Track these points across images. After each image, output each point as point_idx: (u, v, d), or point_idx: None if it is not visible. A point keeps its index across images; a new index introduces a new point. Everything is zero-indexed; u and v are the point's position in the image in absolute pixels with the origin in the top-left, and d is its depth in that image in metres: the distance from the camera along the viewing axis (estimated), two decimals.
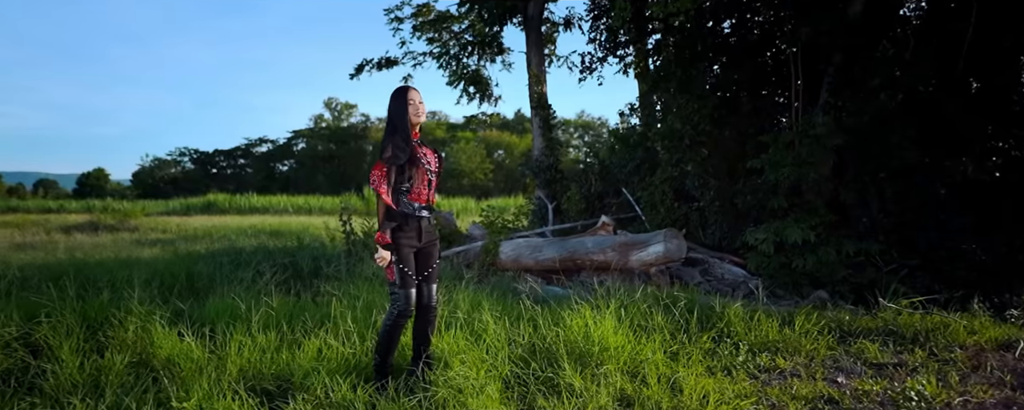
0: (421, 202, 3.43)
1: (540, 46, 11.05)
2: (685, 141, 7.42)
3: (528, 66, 11.06)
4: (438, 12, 14.07)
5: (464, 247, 7.04)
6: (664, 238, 5.95)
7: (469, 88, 12.39)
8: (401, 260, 3.35)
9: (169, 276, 5.18)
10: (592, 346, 3.99)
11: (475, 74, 12.42)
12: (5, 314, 3.64)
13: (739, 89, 7.78)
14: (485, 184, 48.23)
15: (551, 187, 10.08)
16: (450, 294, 4.88)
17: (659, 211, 8.02)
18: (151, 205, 38.65)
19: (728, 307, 4.96)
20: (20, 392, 3.06)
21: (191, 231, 13.98)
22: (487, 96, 12.55)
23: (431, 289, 3.48)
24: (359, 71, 14.59)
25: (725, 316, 4.94)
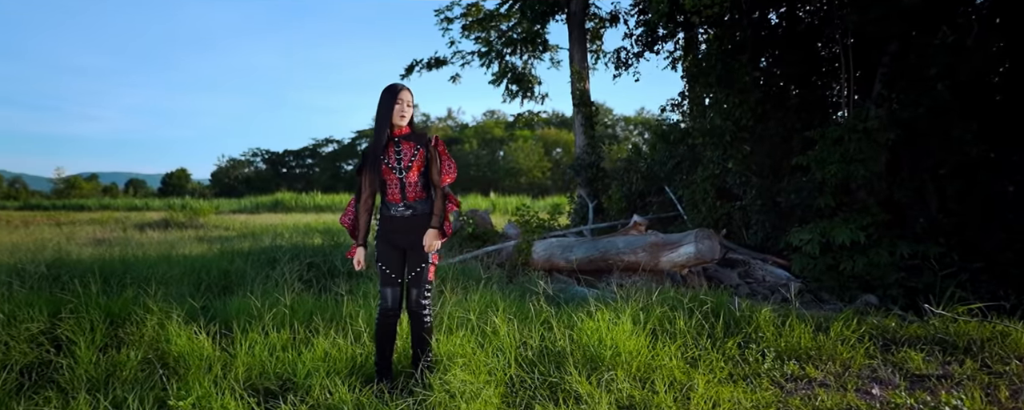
0: (395, 201, 3.33)
1: (583, 42, 10.89)
2: (726, 137, 7.14)
3: (570, 63, 10.92)
4: (487, 11, 14.14)
5: (496, 246, 7.03)
6: (695, 239, 5.74)
7: (511, 86, 12.37)
8: (379, 257, 3.32)
9: (205, 273, 5.40)
10: (604, 350, 3.89)
11: (518, 72, 12.38)
12: (36, 309, 3.83)
13: (785, 82, 7.42)
14: (542, 182, 48.13)
15: (593, 185, 9.93)
16: (466, 294, 4.86)
17: (700, 210, 7.76)
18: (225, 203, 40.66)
19: (757, 310, 4.74)
20: (40, 385, 3.20)
21: (250, 228, 14.57)
22: (530, 93, 12.49)
23: (420, 292, 3.34)
24: (409, 71, 14.84)
25: (754, 320, 4.72)
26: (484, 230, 7.65)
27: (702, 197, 7.77)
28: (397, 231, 3.31)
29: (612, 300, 4.71)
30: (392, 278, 3.32)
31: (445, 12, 14.49)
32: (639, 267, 6.05)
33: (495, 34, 13.15)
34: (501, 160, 52.01)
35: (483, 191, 38.71)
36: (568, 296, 5.07)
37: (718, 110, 7.22)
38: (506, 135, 54.18)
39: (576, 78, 10.77)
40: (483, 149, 54.11)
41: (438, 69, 14.84)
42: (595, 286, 6.01)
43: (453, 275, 5.61)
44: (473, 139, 54.29)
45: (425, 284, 3.35)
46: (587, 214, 9.30)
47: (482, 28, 14.21)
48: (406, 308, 3.38)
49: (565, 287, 5.59)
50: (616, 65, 10.04)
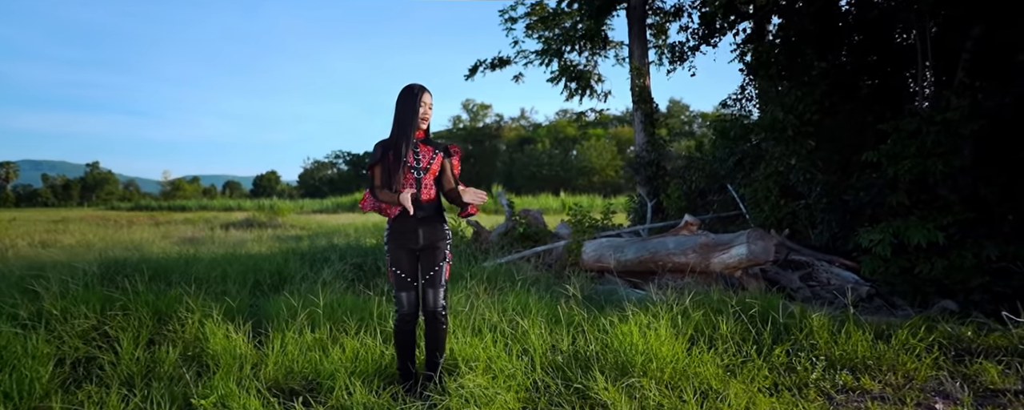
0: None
1: (643, 37, 10.62)
2: (788, 132, 6.74)
3: (630, 58, 10.68)
4: (550, 9, 14.08)
5: (546, 246, 6.96)
6: (747, 239, 5.46)
7: (570, 84, 12.23)
8: (393, 262, 3.28)
9: (258, 272, 5.64)
10: (635, 355, 3.76)
11: (577, 69, 12.24)
12: (88, 305, 4.03)
13: (856, 72, 6.92)
14: (615, 181, 47.48)
15: (652, 184, 9.66)
16: (501, 295, 4.83)
17: (763, 209, 7.39)
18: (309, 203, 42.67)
19: (810, 315, 4.45)
20: (85, 379, 3.36)
21: (323, 228, 15.18)
22: (587, 90, 12.31)
23: (437, 294, 3.29)
24: (473, 72, 14.99)
25: (806, 326, 4.44)
26: (536, 230, 7.60)
27: (765, 195, 7.39)
28: (410, 232, 3.28)
29: (651, 303, 4.55)
30: (407, 282, 3.28)
31: (509, 12, 14.56)
32: (690, 268, 5.83)
33: (556, 32, 13.05)
34: (574, 159, 51.73)
35: (554, 191, 38.62)
36: (607, 298, 4.94)
37: (780, 103, 6.83)
38: (579, 134, 53.85)
39: (635, 74, 10.51)
40: (556, 148, 54.02)
41: (501, 69, 14.91)
42: (643, 288, 5.84)
43: (489, 276, 5.60)
44: (545, 139, 54.30)
45: (442, 284, 3.31)
46: (646, 213, 9.06)
47: (546, 26, 14.17)
48: (422, 310, 3.33)
49: (610, 289, 5.47)
50: (671, 59, 9.72)
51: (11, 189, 75.47)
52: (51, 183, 78.11)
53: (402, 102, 3.29)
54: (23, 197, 73.16)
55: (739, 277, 5.66)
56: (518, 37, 14.82)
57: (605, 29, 12.72)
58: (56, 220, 23.84)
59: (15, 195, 73.59)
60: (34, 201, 70.97)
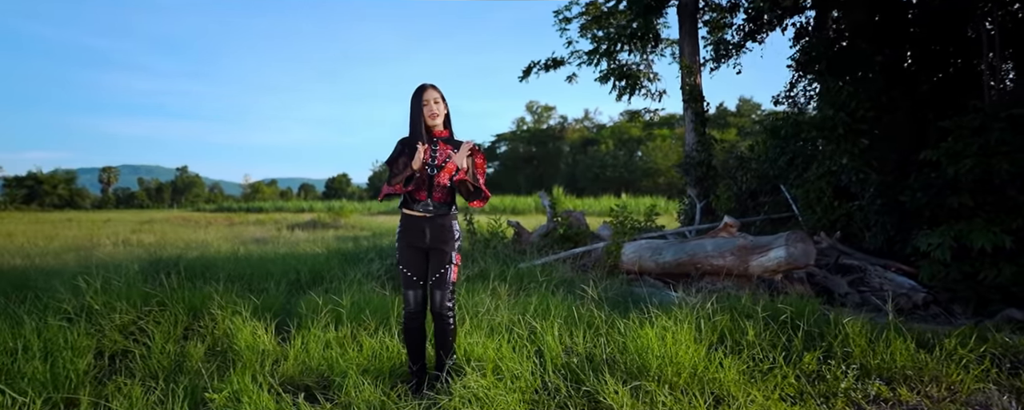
0: (421, 198, 3.30)
1: (694, 35, 10.34)
2: (839, 130, 6.41)
3: (680, 56, 10.42)
4: (604, 9, 13.96)
5: (584, 248, 6.90)
6: (786, 242, 5.23)
7: (618, 83, 12.05)
8: (400, 260, 3.30)
9: (300, 270, 5.87)
10: (650, 359, 3.68)
11: (625, 69, 12.05)
12: (129, 301, 4.25)
13: (915, 67, 6.51)
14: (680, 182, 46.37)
15: (702, 185, 9.39)
16: (522, 296, 4.83)
17: (815, 211, 7.06)
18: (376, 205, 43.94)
19: (846, 322, 4.23)
20: (119, 371, 3.54)
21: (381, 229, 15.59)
22: (636, 90, 12.09)
23: (444, 294, 3.29)
24: (527, 73, 15.03)
25: (841, 332, 4.22)
26: (576, 231, 7.55)
27: (817, 196, 7.05)
28: (418, 230, 3.30)
29: (676, 305, 4.45)
30: (414, 280, 3.30)
31: (563, 12, 14.53)
32: (728, 271, 5.65)
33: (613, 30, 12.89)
34: (638, 161, 50.91)
35: (618, 192, 38.14)
36: (634, 301, 4.87)
37: (831, 101, 6.50)
38: (644, 135, 52.94)
39: (685, 72, 10.25)
40: (620, 149, 53.33)
41: (555, 70, 14.89)
42: (678, 291, 5.70)
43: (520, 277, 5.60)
44: (609, 140, 53.70)
45: (449, 286, 3.31)
46: (695, 215, 8.82)
47: (599, 26, 14.05)
48: (430, 310, 3.34)
49: (648, 291, 5.37)
50: (714, 57, 9.40)
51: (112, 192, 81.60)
52: (146, 186, 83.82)
53: (411, 103, 3.34)
54: (122, 199, 79.00)
55: (780, 281, 5.45)
56: (572, 37, 14.74)
57: (658, 27, 12.48)
58: (144, 221, 25.57)
59: (115, 197, 79.50)
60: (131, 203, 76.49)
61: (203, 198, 78.25)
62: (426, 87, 3.33)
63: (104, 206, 70.88)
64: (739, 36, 8.94)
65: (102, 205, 72.13)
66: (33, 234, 17.14)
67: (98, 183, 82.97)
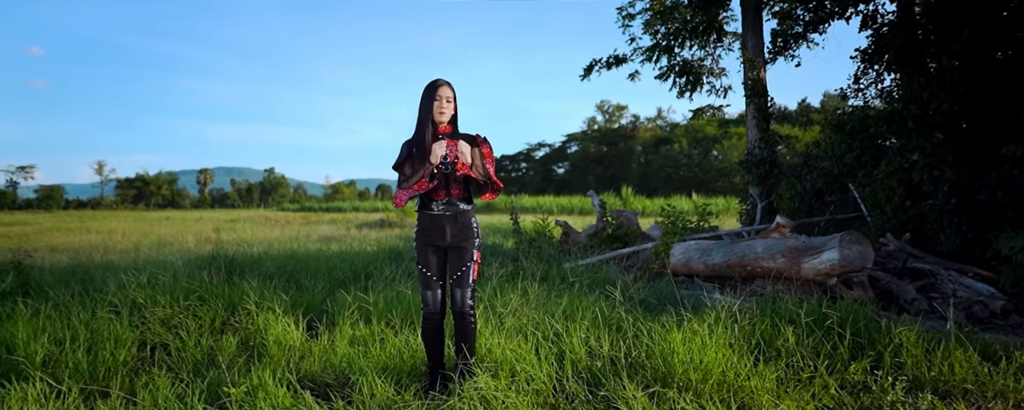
0: (441, 199, 3.25)
1: (757, 27, 9.87)
2: (908, 124, 5.93)
3: (743, 49, 9.97)
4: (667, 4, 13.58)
5: (631, 248, 6.72)
6: (840, 243, 4.89)
7: (678, 80, 11.66)
8: (419, 259, 3.28)
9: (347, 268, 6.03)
10: (675, 364, 3.53)
11: (686, 65, 11.65)
12: (173, 297, 4.41)
13: (999, 53, 5.93)
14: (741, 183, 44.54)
15: (765, 184, 8.94)
16: (552, 296, 4.74)
17: (884, 211, 6.58)
18: None
19: (899, 329, 3.92)
20: (156, 363, 3.66)
21: None
22: (697, 86, 11.65)
23: (464, 294, 3.23)
24: (588, 71, 14.84)
25: (894, 341, 3.90)
26: (626, 231, 7.37)
27: (887, 195, 6.57)
28: (437, 230, 3.26)
29: (712, 308, 4.25)
30: (433, 280, 3.27)
31: (627, 8, 14.26)
32: (780, 274, 5.35)
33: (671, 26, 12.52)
34: (713, 160, 49.30)
35: (689, 192, 37.11)
36: (671, 303, 4.69)
37: (905, 92, 6.02)
38: (719, 133, 51.19)
39: (748, 66, 9.79)
40: (694, 148, 51.84)
41: (617, 67, 14.63)
42: (721, 294, 5.46)
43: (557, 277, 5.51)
44: (683, 139, 52.29)
45: (470, 284, 3.26)
46: (756, 216, 8.43)
47: (663, 21, 13.69)
48: (451, 309, 3.30)
49: (684, 293, 5.18)
50: (771, 50, 8.90)
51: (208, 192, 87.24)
52: (237, 187, 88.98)
53: (421, 98, 3.28)
54: (216, 199, 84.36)
55: (836, 285, 5.11)
56: (635, 34, 14.42)
57: (724, 20, 12.00)
58: (231, 220, 27.13)
59: (210, 197, 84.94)
60: (224, 203, 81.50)
61: (288, 198, 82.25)
62: (440, 83, 3.28)
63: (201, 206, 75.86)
64: (799, 26, 8.44)
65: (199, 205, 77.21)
66: (131, 231, 18.54)
67: (196, 184, 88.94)
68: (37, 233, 19.21)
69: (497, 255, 6.78)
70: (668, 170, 49.74)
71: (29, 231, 20.63)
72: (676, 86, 11.72)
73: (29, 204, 65.62)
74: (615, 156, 55.20)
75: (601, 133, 57.67)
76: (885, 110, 6.24)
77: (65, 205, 65.28)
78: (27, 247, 13.68)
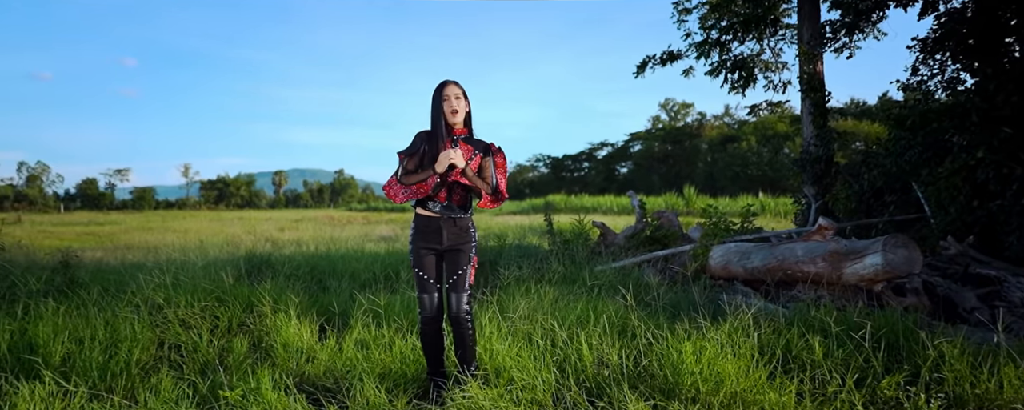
0: (441, 201, 3.19)
1: (814, 18, 9.32)
2: (973, 118, 5.44)
3: (798, 42, 9.45)
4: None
5: (668, 251, 6.47)
6: (884, 247, 4.52)
7: (730, 76, 11.18)
8: (415, 262, 3.21)
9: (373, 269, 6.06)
10: (684, 376, 3.34)
11: (738, 60, 11.16)
12: (191, 295, 4.48)
13: None
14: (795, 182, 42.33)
15: (821, 183, 8.43)
16: (568, 301, 4.59)
17: (948, 211, 6.07)
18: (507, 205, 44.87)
19: (939, 340, 3.58)
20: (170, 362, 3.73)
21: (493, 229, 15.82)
22: (750, 82, 11.12)
23: (460, 298, 3.15)
24: (642, 68, 14.51)
25: (932, 354, 3.57)
26: (665, 232, 7.11)
27: (950, 195, 6.05)
28: (434, 232, 3.19)
29: (732, 315, 4.02)
30: (430, 284, 3.20)
31: (683, 3, 13.87)
32: (821, 279, 5.02)
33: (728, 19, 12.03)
34: (785, 157, 47.21)
35: (757, 191, 35.73)
36: (692, 308, 4.47)
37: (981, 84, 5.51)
38: (791, 130, 48.98)
39: (804, 59, 9.27)
40: (764, 146, 49.85)
41: (671, 64, 14.25)
42: (770, 299, 5.17)
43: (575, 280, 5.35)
44: (751, 136, 50.41)
45: (466, 289, 3.18)
46: (809, 216, 7.96)
47: (720, 15, 13.22)
48: (447, 315, 3.22)
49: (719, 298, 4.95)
50: (821, 41, 8.34)
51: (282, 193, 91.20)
52: (309, 188, 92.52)
53: (432, 100, 3.23)
54: (290, 200, 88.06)
55: (881, 291, 4.75)
56: (691, 29, 14.00)
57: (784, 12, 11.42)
58: (296, 220, 28.13)
59: (285, 198, 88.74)
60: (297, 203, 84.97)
61: (356, 198, 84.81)
62: (447, 83, 3.22)
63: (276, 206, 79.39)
64: (851, 15, 7.87)
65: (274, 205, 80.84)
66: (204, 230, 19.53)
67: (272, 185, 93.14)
68: (123, 232, 20.57)
69: (526, 256, 6.67)
70: (735, 169, 48.09)
71: (116, 230, 22.12)
72: (728, 82, 11.25)
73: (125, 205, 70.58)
74: (680, 155, 53.86)
75: (665, 131, 56.41)
76: (948, 103, 5.74)
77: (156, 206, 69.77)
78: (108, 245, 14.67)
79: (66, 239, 18.00)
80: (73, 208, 64.10)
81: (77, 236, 19.19)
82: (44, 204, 66.70)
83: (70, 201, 71.11)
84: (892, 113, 6.66)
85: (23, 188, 71.37)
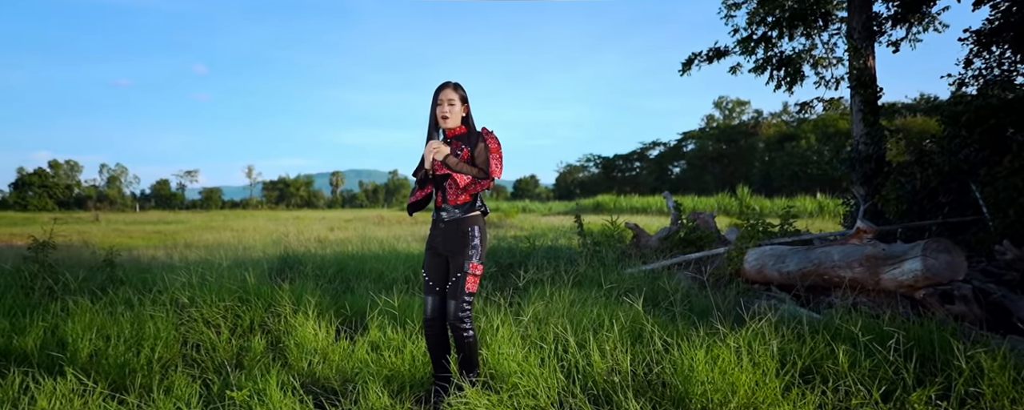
0: (437, 204, 3.20)
1: (866, 10, 8.85)
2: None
3: (848, 36, 9.00)
4: None
5: (701, 253, 6.27)
6: (924, 252, 4.24)
7: (775, 73, 10.74)
8: (423, 265, 3.23)
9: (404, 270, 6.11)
10: (694, 386, 3.21)
11: (784, 56, 10.71)
12: (216, 295, 4.57)
13: None
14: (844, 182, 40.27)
15: (871, 183, 8.01)
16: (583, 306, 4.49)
17: (1007, 213, 5.66)
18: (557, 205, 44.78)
19: (977, 351, 3.34)
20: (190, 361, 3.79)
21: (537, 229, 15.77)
22: (797, 79, 10.65)
23: (458, 304, 3.08)
24: (688, 65, 14.15)
25: (968, 367, 3.33)
26: (701, 234, 6.89)
27: (1010, 196, 5.64)
28: (438, 236, 3.17)
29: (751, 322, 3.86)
30: (431, 286, 3.18)
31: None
32: (858, 284, 4.77)
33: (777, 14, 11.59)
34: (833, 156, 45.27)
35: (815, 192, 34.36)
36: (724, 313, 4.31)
37: None
38: None
39: (854, 54, 8.82)
40: (825, 144, 47.91)
41: (718, 60, 13.86)
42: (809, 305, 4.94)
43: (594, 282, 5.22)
44: (811, 134, 48.54)
45: (463, 295, 3.09)
46: (856, 218, 7.57)
47: (770, 9, 12.76)
48: (447, 319, 3.16)
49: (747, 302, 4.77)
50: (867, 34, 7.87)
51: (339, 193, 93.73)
52: (364, 188, 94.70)
53: (431, 100, 3.20)
54: (346, 200, 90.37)
55: (923, 298, 4.47)
56: (739, 24, 13.58)
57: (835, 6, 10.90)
58: (348, 219, 28.83)
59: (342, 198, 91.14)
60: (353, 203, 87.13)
61: None
62: (443, 87, 3.17)
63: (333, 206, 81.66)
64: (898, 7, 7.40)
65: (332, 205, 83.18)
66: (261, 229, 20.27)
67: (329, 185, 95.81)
68: (186, 230, 21.56)
69: (554, 258, 6.59)
70: (794, 168, 46.43)
71: (181, 229, 23.21)
72: (773, 79, 10.82)
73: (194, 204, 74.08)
74: (735, 154, 52.38)
75: (719, 130, 54.96)
76: (1006, 98, 5.34)
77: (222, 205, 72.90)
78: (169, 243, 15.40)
79: (135, 237, 19.01)
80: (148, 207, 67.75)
81: (145, 234, 20.24)
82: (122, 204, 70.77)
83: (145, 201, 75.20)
84: (945, 109, 6.23)
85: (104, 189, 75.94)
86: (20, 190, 65.26)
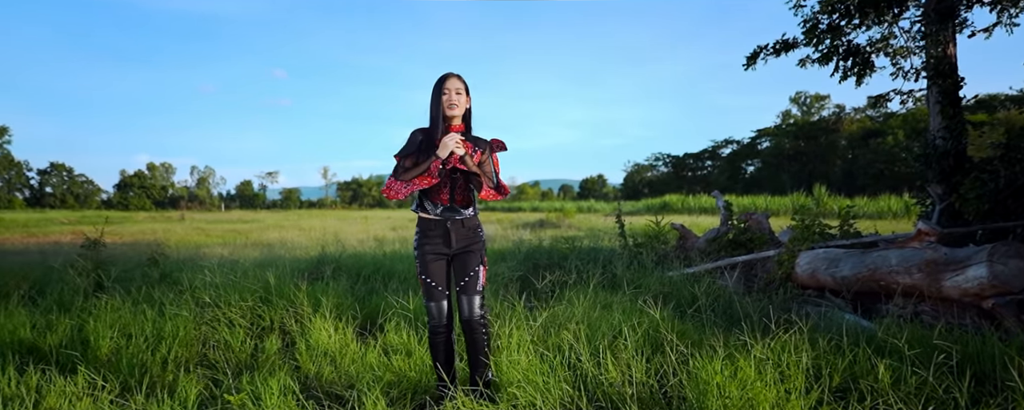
0: (444, 203, 3.05)
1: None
2: None
3: (925, 22, 8.24)
4: None
5: (749, 256, 5.88)
6: (990, 257, 3.76)
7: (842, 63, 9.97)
8: (422, 269, 3.05)
9: None
10: (709, 401, 2.97)
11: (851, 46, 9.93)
12: (237, 295, 4.55)
13: None
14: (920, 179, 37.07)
15: (950, 180, 7.30)
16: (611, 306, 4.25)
17: None
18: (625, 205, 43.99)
19: None
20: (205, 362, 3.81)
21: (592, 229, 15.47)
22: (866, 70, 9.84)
23: (471, 301, 2.99)
24: (753, 59, 13.45)
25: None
26: (752, 236, 6.48)
27: None
28: (442, 236, 3.05)
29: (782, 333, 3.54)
30: (438, 290, 3.05)
31: None
32: (916, 291, 4.32)
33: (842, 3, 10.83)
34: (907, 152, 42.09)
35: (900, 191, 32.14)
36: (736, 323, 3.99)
37: None
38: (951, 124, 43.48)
39: (931, 42, 8.07)
40: (913, 141, 44.70)
41: (786, 54, 13.13)
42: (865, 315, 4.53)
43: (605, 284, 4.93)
44: (899, 130, 45.47)
45: (478, 291, 3.03)
46: (932, 218, 6.92)
47: None
48: (459, 319, 3.07)
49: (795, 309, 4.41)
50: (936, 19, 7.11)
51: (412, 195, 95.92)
52: None
53: (431, 93, 3.07)
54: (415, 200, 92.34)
55: (991, 308, 3.99)
56: (808, 14, 12.83)
57: None
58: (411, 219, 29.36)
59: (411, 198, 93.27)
60: None
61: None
62: (448, 76, 3.05)
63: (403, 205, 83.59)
64: None
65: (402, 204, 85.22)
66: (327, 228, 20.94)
67: None
68: (259, 229, 22.51)
69: (592, 260, 6.34)
70: (879, 166, 43.66)
71: (254, 227, 24.27)
72: (839, 70, 10.07)
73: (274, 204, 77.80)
74: (813, 151, 49.82)
75: (797, 127, 52.41)
76: None
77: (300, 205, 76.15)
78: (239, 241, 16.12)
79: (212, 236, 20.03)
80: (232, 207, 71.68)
81: (222, 233, 21.27)
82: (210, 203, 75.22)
83: (230, 201, 79.61)
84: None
85: (195, 189, 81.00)
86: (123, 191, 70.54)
